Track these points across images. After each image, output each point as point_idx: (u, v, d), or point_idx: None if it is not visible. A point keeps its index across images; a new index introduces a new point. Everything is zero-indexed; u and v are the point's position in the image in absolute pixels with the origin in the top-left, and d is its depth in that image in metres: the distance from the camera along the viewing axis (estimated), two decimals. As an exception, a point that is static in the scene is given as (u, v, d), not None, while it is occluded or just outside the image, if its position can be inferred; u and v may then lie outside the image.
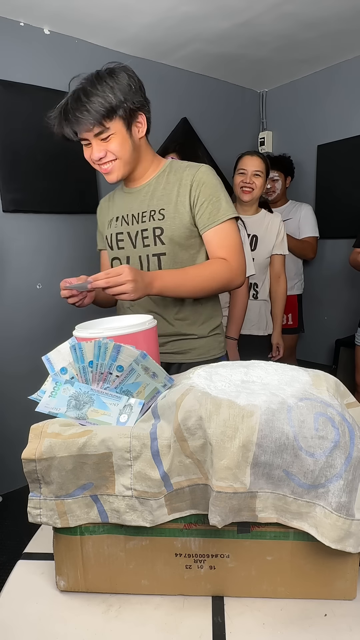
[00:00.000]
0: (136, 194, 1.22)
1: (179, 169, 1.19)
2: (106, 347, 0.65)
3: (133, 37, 2.29)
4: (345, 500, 0.54)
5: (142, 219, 1.19)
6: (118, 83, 1.05)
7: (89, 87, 1.03)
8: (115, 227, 1.25)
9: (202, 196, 1.14)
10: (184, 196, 1.15)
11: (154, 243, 1.17)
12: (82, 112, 1.03)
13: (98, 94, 1.02)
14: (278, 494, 0.55)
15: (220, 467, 0.53)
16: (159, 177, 1.20)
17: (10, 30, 2.06)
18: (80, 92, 1.04)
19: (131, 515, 0.58)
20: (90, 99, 1.02)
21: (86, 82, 1.06)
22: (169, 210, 1.16)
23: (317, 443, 0.54)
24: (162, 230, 1.16)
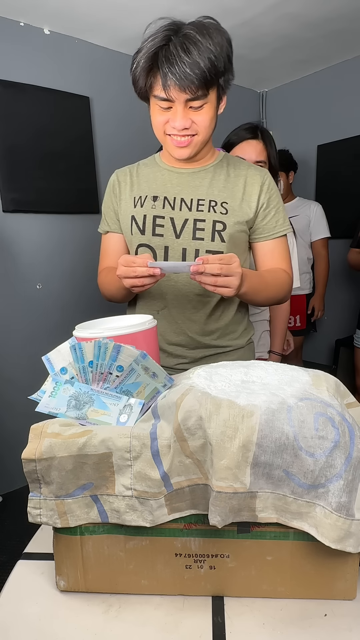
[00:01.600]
0: (190, 177, 1.04)
1: (238, 165, 1.07)
2: (106, 347, 0.65)
3: (133, 37, 2.29)
4: (345, 500, 0.54)
5: (199, 208, 1.02)
6: (225, 45, 0.87)
7: (200, 37, 0.84)
8: (152, 207, 1.04)
9: (271, 202, 1.05)
10: (252, 195, 1.03)
11: (211, 238, 1.01)
12: (189, 66, 0.83)
13: (210, 49, 0.84)
14: (278, 494, 0.55)
15: (220, 467, 0.53)
16: (217, 166, 1.06)
17: (10, 30, 2.06)
18: (187, 40, 0.84)
19: (131, 515, 0.58)
20: (200, 52, 0.83)
21: (194, 30, 0.85)
22: (233, 206, 1.02)
23: (317, 443, 0.54)
24: (224, 226, 1.01)
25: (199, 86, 0.85)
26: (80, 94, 2.29)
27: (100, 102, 2.39)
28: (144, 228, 1.04)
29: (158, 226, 1.03)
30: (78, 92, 2.29)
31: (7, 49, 2.05)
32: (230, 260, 0.83)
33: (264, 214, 1.05)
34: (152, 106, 0.97)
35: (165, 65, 0.84)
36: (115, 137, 2.49)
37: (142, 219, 1.04)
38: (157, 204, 1.04)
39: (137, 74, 0.91)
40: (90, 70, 2.33)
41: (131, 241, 1.08)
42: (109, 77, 2.41)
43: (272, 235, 1.07)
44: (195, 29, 0.85)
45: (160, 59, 0.85)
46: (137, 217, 1.05)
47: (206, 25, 0.87)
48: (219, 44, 0.85)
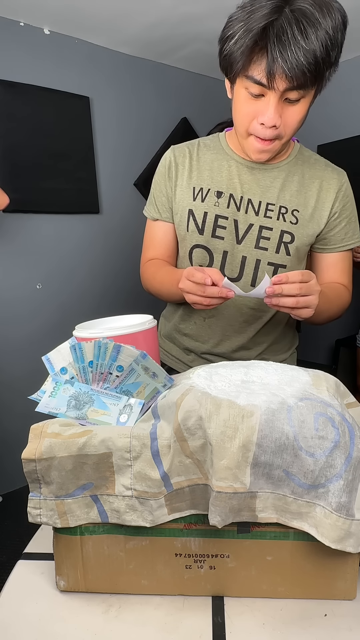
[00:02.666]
0: (261, 175, 0.91)
1: (314, 164, 0.95)
2: (106, 347, 0.65)
3: (133, 37, 2.29)
4: (345, 500, 0.54)
5: (267, 213, 0.90)
6: (341, 27, 0.71)
7: (318, 16, 0.66)
8: (214, 205, 0.91)
9: (345, 211, 0.93)
10: (325, 203, 0.92)
11: (276, 249, 0.91)
12: (304, 53, 0.67)
13: (328, 33, 0.68)
14: (278, 494, 0.55)
15: (220, 467, 0.53)
16: (291, 164, 0.93)
17: (10, 30, 2.06)
18: (303, 17, 0.66)
19: (131, 515, 0.58)
20: (318, 35, 0.67)
21: (311, 3, 0.67)
22: (304, 215, 0.91)
23: (317, 443, 0.54)
24: (292, 238, 0.90)
25: (310, 78, 0.70)
26: (80, 94, 2.30)
27: (100, 102, 2.39)
28: (203, 227, 0.91)
29: (219, 227, 0.91)
30: (78, 92, 2.29)
31: (7, 49, 2.05)
32: (310, 277, 0.73)
33: (334, 224, 0.93)
34: (237, 89, 0.79)
35: (276, 47, 0.66)
36: (115, 137, 2.50)
37: (202, 216, 0.91)
38: (221, 202, 0.90)
39: (234, 51, 0.72)
40: (90, 70, 2.33)
41: (185, 238, 0.96)
42: (109, 77, 2.41)
43: (338, 248, 0.95)
44: (312, 2, 0.66)
45: (271, 38, 0.66)
46: (195, 212, 0.92)
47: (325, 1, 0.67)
48: (337, 26, 0.68)
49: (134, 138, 2.57)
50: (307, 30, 0.66)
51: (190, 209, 0.93)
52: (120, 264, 2.60)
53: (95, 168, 2.41)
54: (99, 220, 2.50)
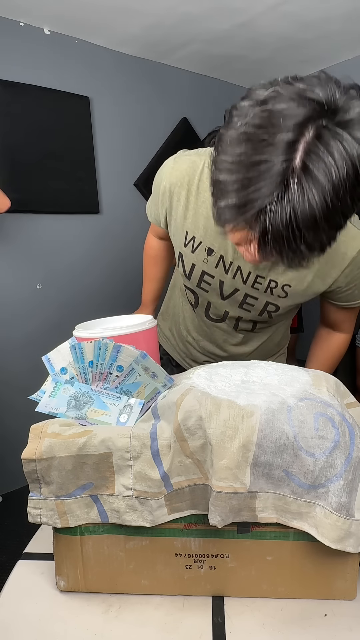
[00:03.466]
0: None
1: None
2: (106, 347, 0.65)
3: (133, 37, 2.29)
4: (345, 500, 0.54)
5: (255, 285, 0.84)
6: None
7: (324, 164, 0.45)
8: (203, 261, 0.85)
9: (351, 283, 0.83)
10: (325, 278, 0.81)
11: (258, 313, 0.89)
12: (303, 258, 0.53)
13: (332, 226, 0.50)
14: (278, 494, 0.55)
15: (220, 467, 0.53)
16: None
17: (10, 30, 2.05)
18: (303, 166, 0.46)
19: (131, 515, 0.58)
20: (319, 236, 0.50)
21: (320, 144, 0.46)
22: (296, 290, 0.83)
23: (317, 443, 0.54)
24: (276, 308, 0.87)
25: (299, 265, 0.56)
26: (80, 94, 2.29)
27: (100, 102, 2.39)
28: (190, 276, 0.89)
29: (205, 282, 0.88)
30: (78, 92, 2.29)
31: (7, 49, 2.05)
32: None
33: (338, 291, 0.85)
34: None
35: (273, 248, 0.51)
36: (115, 137, 2.49)
37: (190, 266, 0.88)
38: (211, 260, 0.84)
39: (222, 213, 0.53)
40: (90, 70, 2.33)
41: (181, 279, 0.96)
42: (109, 77, 2.41)
43: (342, 306, 0.90)
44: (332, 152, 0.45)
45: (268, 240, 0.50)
46: (185, 259, 0.88)
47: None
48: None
49: (134, 138, 2.57)
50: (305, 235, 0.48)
51: (181, 253, 0.89)
52: (120, 264, 2.60)
53: (95, 168, 2.41)
54: (99, 220, 2.50)
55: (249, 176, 0.47)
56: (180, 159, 0.85)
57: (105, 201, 2.50)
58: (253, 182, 0.47)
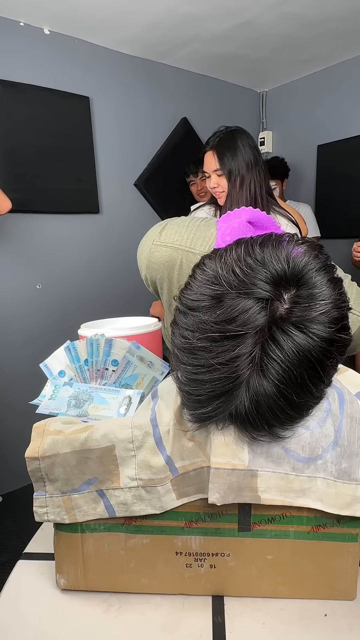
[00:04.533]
0: None
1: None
2: (98, 343, 0.65)
3: (133, 37, 2.29)
4: (346, 465, 0.54)
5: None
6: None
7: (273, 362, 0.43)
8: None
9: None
10: None
11: None
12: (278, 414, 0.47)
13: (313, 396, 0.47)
14: (279, 472, 0.55)
15: (218, 443, 0.53)
16: None
17: (10, 30, 2.06)
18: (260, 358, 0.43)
19: (139, 505, 0.58)
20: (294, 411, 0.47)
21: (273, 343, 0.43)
22: None
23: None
24: None
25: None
26: (80, 94, 2.29)
27: (100, 102, 2.39)
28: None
29: None
30: (78, 92, 2.29)
31: (7, 49, 2.05)
32: None
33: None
34: None
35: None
36: (115, 137, 2.50)
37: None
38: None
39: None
40: (90, 70, 2.33)
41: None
42: (109, 77, 2.41)
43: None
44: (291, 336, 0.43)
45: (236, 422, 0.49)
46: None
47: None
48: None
49: (134, 138, 2.57)
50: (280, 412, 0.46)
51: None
52: (120, 264, 2.60)
53: (95, 168, 2.41)
54: (99, 220, 2.50)
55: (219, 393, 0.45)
56: (157, 251, 0.80)
57: (105, 201, 2.50)
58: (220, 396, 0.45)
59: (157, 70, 2.62)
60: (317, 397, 0.48)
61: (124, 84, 2.48)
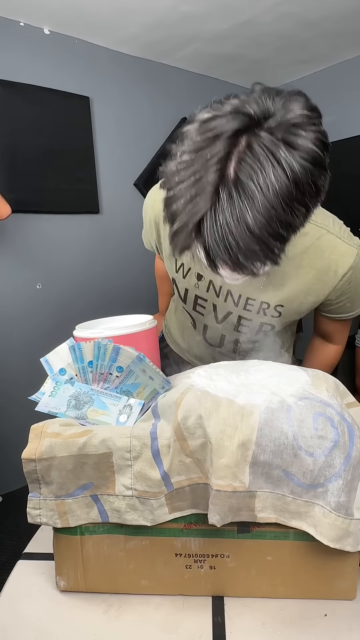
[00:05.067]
0: None
1: (318, 248, 0.76)
2: (105, 348, 0.65)
3: (133, 37, 2.29)
4: (344, 499, 0.54)
5: (247, 307, 0.83)
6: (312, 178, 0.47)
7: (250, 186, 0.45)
8: (195, 286, 0.85)
9: (343, 296, 0.81)
10: (318, 295, 0.80)
11: (255, 333, 0.88)
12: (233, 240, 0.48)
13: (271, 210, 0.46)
14: (277, 493, 0.55)
15: (220, 465, 0.53)
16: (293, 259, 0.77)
17: (10, 30, 2.05)
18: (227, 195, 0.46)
19: (132, 514, 0.58)
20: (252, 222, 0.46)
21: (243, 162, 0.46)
22: (290, 308, 0.82)
23: (316, 443, 0.54)
24: (272, 327, 0.87)
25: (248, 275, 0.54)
26: (80, 94, 2.29)
27: (100, 102, 2.39)
28: (186, 300, 0.89)
29: (200, 306, 0.88)
30: (78, 92, 2.29)
31: (7, 49, 2.05)
32: None
33: (329, 304, 0.84)
34: None
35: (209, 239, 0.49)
36: (115, 137, 2.49)
37: (183, 291, 0.88)
38: (201, 285, 0.84)
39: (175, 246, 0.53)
40: (90, 70, 2.33)
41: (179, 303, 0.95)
42: (109, 77, 2.41)
43: (333, 318, 0.89)
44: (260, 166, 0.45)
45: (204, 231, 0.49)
46: (178, 284, 0.88)
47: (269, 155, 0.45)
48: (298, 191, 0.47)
49: (134, 138, 2.56)
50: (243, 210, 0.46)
51: (174, 278, 0.89)
52: (120, 264, 2.60)
53: (95, 168, 2.41)
54: (99, 220, 2.50)
55: (190, 195, 0.47)
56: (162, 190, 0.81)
57: (105, 201, 2.50)
58: (192, 200, 0.47)
59: (157, 70, 2.62)
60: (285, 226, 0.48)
61: (124, 84, 2.48)
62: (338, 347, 1.03)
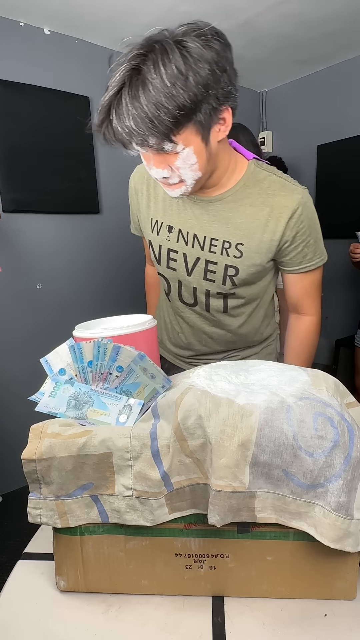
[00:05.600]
0: (204, 209, 0.91)
1: (267, 187, 0.88)
2: (105, 348, 0.65)
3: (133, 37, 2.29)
4: (345, 500, 0.54)
5: (211, 248, 0.91)
6: (196, 69, 0.64)
7: (147, 77, 0.63)
8: (166, 239, 0.95)
9: (299, 236, 0.88)
10: (275, 232, 0.88)
11: (223, 281, 0.93)
12: (131, 121, 0.66)
13: (160, 91, 0.63)
14: (277, 494, 0.55)
15: (220, 465, 0.53)
16: (237, 194, 0.88)
17: (10, 30, 2.06)
18: (128, 85, 0.65)
19: (132, 515, 0.58)
20: (154, 100, 0.63)
21: (142, 65, 0.64)
22: (250, 248, 0.89)
23: (316, 443, 0.54)
24: (237, 271, 0.91)
25: (153, 142, 0.69)
26: (80, 94, 2.29)
27: (100, 102, 2.39)
28: (160, 258, 0.98)
29: (172, 260, 0.96)
30: (78, 92, 2.29)
31: (7, 49, 2.05)
32: None
33: (287, 251, 0.91)
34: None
35: (111, 121, 0.69)
36: (115, 137, 2.49)
37: (158, 249, 0.98)
38: (172, 236, 0.95)
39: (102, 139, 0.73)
40: (90, 70, 2.33)
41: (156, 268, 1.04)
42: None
43: (296, 271, 0.94)
44: (141, 62, 0.65)
45: (109, 118, 0.69)
46: (153, 244, 0.98)
47: (164, 46, 0.64)
48: (188, 66, 0.64)
49: (134, 138, 2.57)
50: (130, 101, 0.65)
51: (150, 241, 0.99)
52: (120, 264, 2.60)
53: (95, 168, 2.41)
54: (99, 220, 2.50)
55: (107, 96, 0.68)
56: (140, 166, 1.02)
57: (105, 201, 2.50)
58: (106, 97, 0.68)
59: (157, 70, 2.62)
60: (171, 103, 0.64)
61: (124, 84, 2.48)
62: (312, 318, 1.03)
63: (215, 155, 0.79)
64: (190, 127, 0.70)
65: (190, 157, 0.74)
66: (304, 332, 1.04)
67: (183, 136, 0.71)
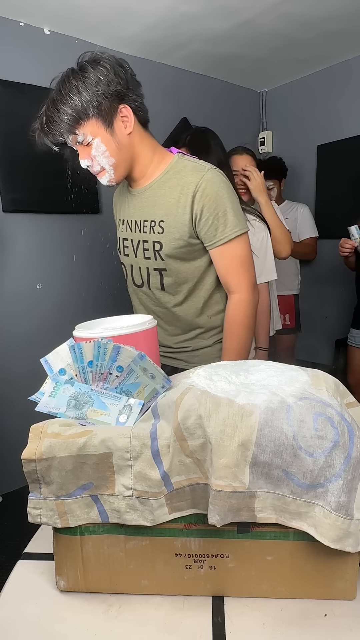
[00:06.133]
0: (138, 198, 1.10)
1: (182, 170, 1.03)
2: (105, 348, 0.65)
3: (133, 37, 2.29)
4: (345, 500, 0.54)
5: (144, 229, 1.09)
6: (84, 79, 0.92)
7: (56, 94, 0.94)
8: (120, 230, 1.18)
9: (206, 209, 0.99)
10: (185, 207, 1.01)
11: (154, 257, 1.08)
12: (50, 122, 0.95)
13: (63, 99, 0.93)
14: (277, 494, 0.55)
15: (220, 465, 0.53)
16: (161, 181, 1.05)
17: (10, 30, 2.05)
18: (49, 100, 0.96)
19: (132, 514, 0.58)
20: (57, 106, 0.94)
21: (55, 87, 0.96)
22: (169, 223, 1.03)
23: (316, 443, 0.54)
24: (161, 246, 1.05)
25: (64, 133, 0.96)
26: (80, 94, 2.29)
27: (100, 102, 2.39)
28: (121, 249, 1.18)
29: (125, 247, 1.16)
30: (78, 92, 2.29)
31: (7, 49, 2.05)
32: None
33: (201, 225, 1.01)
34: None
35: (42, 127, 0.98)
36: (115, 137, 2.49)
37: (119, 241, 1.19)
38: (123, 227, 1.16)
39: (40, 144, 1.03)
40: (90, 70, 2.33)
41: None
42: (109, 77, 2.41)
43: (214, 245, 1.03)
44: (55, 86, 0.96)
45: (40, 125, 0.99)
46: (119, 236, 1.20)
47: (68, 73, 0.94)
48: (80, 80, 0.93)
49: (134, 138, 2.56)
50: (50, 107, 0.95)
51: (118, 236, 1.20)
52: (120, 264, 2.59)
53: (95, 168, 2.41)
54: (99, 220, 2.50)
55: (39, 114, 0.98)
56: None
57: (105, 201, 2.50)
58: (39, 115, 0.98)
59: (157, 70, 2.62)
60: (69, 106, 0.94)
61: (124, 84, 2.48)
62: (239, 295, 1.07)
63: (128, 146, 1.00)
64: (91, 121, 0.95)
65: (100, 146, 0.97)
66: (231, 310, 1.08)
67: (88, 129, 0.95)
